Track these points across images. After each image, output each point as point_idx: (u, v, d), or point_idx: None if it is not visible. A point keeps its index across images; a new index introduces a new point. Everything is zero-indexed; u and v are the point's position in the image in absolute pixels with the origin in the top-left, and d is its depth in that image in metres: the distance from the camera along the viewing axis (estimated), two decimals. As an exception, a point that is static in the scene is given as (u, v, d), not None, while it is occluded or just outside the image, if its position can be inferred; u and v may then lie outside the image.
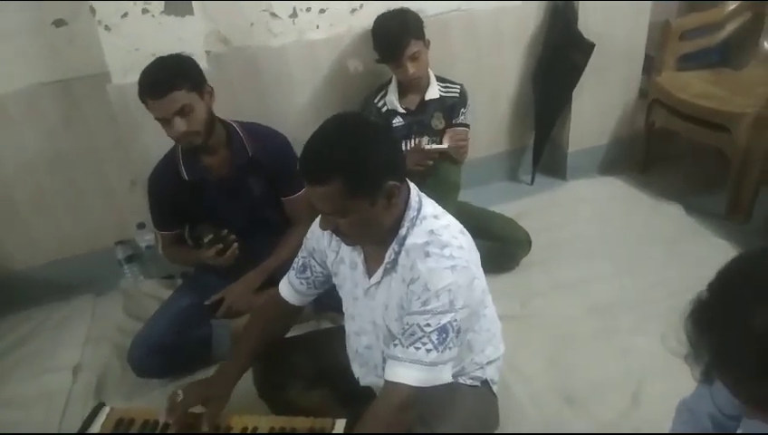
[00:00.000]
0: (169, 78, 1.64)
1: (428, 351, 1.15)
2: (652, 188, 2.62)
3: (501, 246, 2.11)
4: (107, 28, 1.90)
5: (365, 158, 1.11)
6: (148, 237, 2.22)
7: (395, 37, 2.02)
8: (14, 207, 2.18)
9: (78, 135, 2.13)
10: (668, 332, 1.59)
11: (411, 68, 2.03)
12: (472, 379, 1.37)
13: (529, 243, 2.16)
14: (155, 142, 1.96)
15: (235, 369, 1.39)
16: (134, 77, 1.96)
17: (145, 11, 1.91)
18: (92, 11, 1.87)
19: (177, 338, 1.79)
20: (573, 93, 2.59)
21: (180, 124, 1.65)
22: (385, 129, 1.23)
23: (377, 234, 1.22)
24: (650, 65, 2.70)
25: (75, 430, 1.36)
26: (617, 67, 2.61)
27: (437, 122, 2.17)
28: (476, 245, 1.29)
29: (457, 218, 1.31)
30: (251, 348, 1.42)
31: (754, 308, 0.69)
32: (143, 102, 1.68)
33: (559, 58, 2.51)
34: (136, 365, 1.78)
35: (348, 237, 1.24)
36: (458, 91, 2.20)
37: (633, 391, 1.64)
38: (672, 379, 1.21)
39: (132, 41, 1.93)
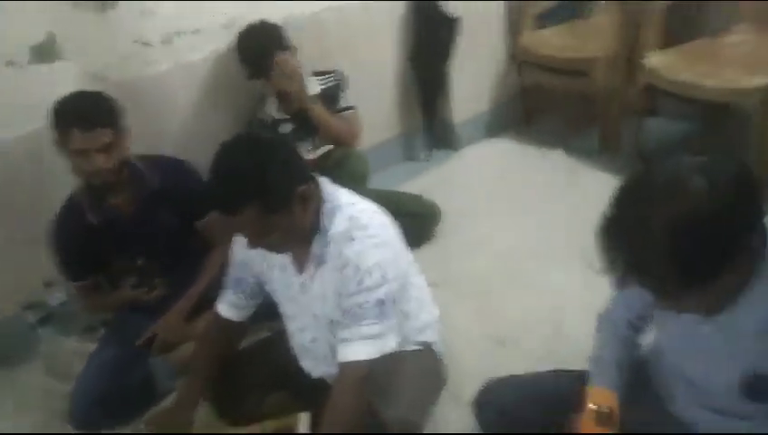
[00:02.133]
0: (101, 112, 1.61)
1: (372, 325, 1.23)
2: (535, 140, 2.85)
3: (413, 222, 2.20)
4: (-28, 88, 1.81)
5: (271, 177, 1.14)
6: (58, 295, 2.12)
7: (257, 50, 2.04)
8: None
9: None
10: (586, 251, 1.71)
11: (280, 77, 2.04)
12: (415, 344, 1.45)
13: (438, 214, 2.29)
14: (45, 196, 1.90)
15: (192, 394, 1.42)
16: (12, 132, 1.91)
17: (9, 63, 1.83)
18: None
19: (115, 386, 1.73)
20: (449, 68, 2.73)
21: (100, 160, 1.61)
22: (278, 140, 1.29)
23: (301, 236, 1.27)
24: (513, 29, 2.89)
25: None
26: (483, 36, 2.79)
27: None
28: (391, 224, 1.37)
29: (368, 204, 1.38)
30: (204, 373, 1.45)
31: (652, 210, 0.81)
32: (62, 132, 1.60)
33: (429, 37, 2.64)
34: (79, 422, 1.71)
35: (276, 248, 1.29)
36: (336, 78, 2.24)
37: (555, 322, 1.82)
38: (586, 302, 1.36)
39: (2, 96, 1.85)
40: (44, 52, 1.91)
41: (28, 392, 1.98)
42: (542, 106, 3.00)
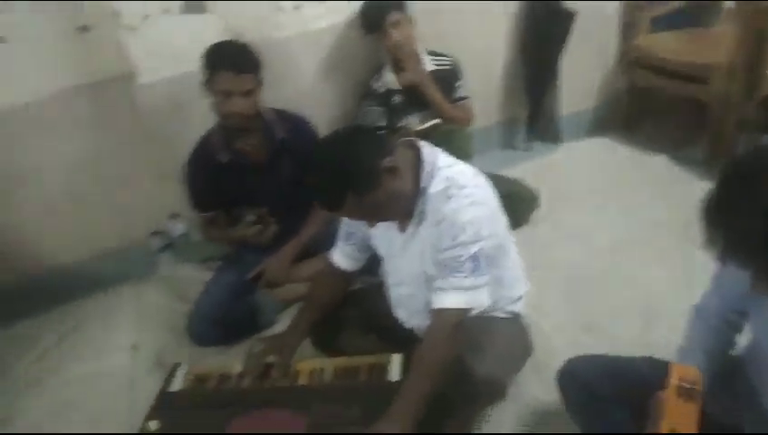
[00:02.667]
0: (248, 60, 1.79)
1: (465, 277, 1.31)
2: (638, 143, 2.81)
3: (510, 203, 2.25)
4: (130, 30, 2.02)
5: (354, 167, 1.25)
6: (180, 226, 2.35)
7: (375, 6, 2.21)
8: (52, 206, 2.27)
9: (108, 134, 2.23)
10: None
11: (394, 35, 2.18)
12: (505, 313, 1.53)
13: (536, 199, 2.33)
14: (181, 137, 2.09)
15: (301, 325, 1.56)
16: (159, 75, 2.11)
17: (165, 11, 2.04)
18: (116, 15, 2.00)
19: (230, 310, 1.94)
20: (561, 61, 2.73)
21: (239, 103, 1.78)
22: (348, 130, 1.39)
23: (403, 201, 1.36)
24: (627, 30, 2.87)
25: (144, 402, 1.49)
26: (596, 33, 2.78)
27: None
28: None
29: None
30: (313, 311, 1.59)
31: (755, 188, 0.85)
32: (212, 72, 1.77)
33: (543, 30, 2.66)
34: (197, 336, 1.94)
35: (389, 217, 1.40)
36: (450, 62, 2.33)
37: (645, 314, 1.83)
38: (680, 299, 1.37)
39: (155, 40, 2.06)
40: (195, 5, 2.11)
41: (151, 308, 2.22)
42: (646, 110, 2.95)
